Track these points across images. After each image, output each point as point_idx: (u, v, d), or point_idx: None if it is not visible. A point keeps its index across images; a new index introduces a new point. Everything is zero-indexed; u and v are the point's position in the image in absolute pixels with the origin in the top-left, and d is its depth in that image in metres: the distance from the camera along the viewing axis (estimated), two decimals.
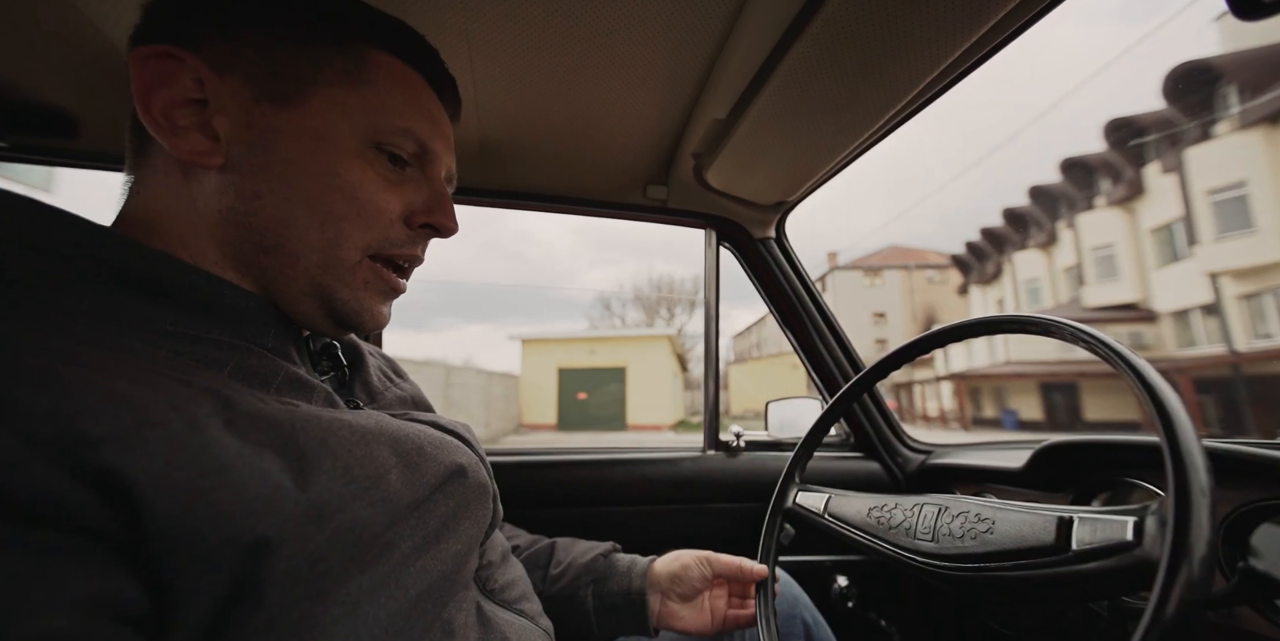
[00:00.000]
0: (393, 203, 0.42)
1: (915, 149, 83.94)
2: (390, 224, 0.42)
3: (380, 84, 0.41)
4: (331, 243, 0.39)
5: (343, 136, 0.39)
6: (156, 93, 0.37)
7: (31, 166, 0.85)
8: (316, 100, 0.39)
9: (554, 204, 1.05)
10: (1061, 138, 61.83)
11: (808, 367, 1.15)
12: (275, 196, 0.38)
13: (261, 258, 0.39)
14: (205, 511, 0.26)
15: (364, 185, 0.40)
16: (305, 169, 0.38)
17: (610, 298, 39.42)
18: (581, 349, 19.75)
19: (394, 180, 0.42)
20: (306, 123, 0.39)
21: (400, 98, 0.42)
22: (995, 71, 35.21)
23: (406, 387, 0.55)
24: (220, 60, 0.38)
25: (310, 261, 0.39)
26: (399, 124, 0.41)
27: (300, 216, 0.39)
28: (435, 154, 0.45)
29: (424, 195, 0.44)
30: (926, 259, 35.92)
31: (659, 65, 0.68)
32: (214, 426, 0.28)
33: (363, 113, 0.40)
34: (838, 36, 0.57)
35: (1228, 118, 15.48)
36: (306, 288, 0.40)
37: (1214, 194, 15.34)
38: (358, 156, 0.40)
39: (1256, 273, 14.84)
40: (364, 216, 0.40)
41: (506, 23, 0.60)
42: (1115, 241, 20.09)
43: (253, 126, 0.38)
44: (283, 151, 0.38)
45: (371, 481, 0.35)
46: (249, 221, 0.38)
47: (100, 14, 0.58)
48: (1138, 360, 0.37)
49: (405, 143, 0.42)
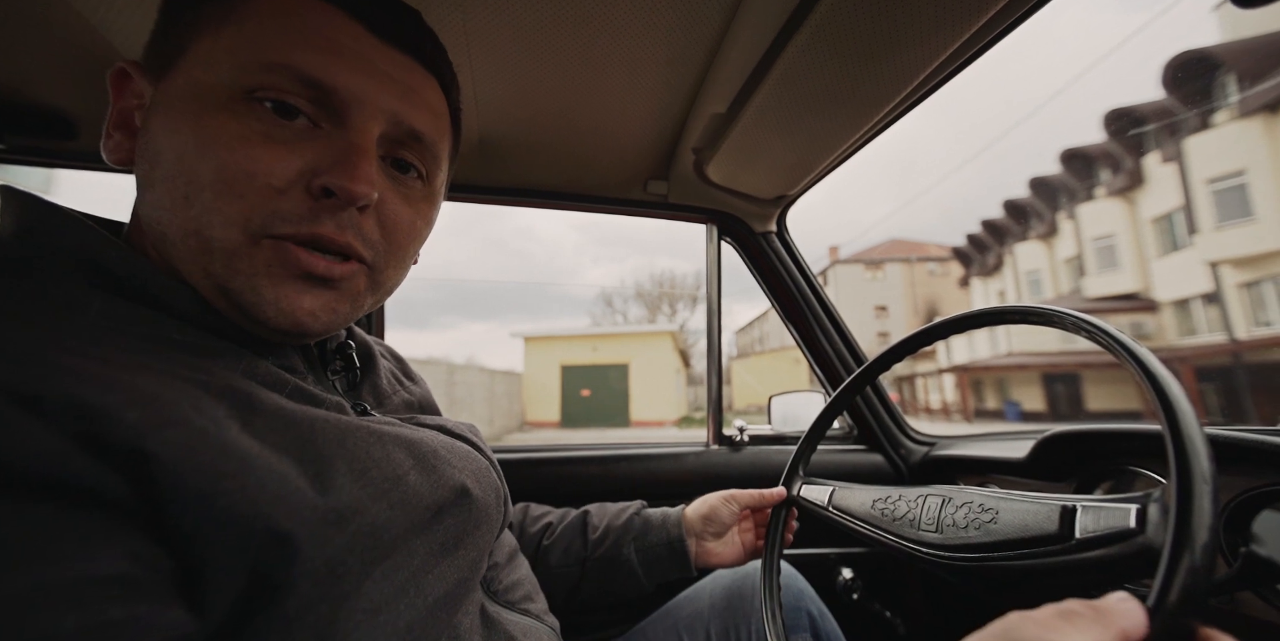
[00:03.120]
0: (270, 163, 0.32)
1: (916, 141, 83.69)
2: (273, 192, 0.32)
3: (250, 19, 0.33)
4: (200, 222, 0.32)
5: (205, 91, 0.32)
6: (113, 108, 0.38)
7: (30, 168, 0.85)
8: (186, 59, 0.33)
9: (555, 200, 1.05)
10: (1063, 128, 61.57)
11: (810, 361, 1.15)
12: (152, 181, 0.33)
13: (168, 251, 0.34)
14: (224, 506, 0.26)
15: (228, 144, 0.32)
16: (169, 141, 0.32)
17: (612, 294, 39.44)
18: (584, 346, 19.76)
19: (279, 137, 0.33)
20: (173, 88, 0.33)
21: (272, 27, 0.33)
22: (996, 61, 34.56)
23: (415, 391, 0.54)
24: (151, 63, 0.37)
25: (188, 247, 0.33)
26: (271, 59, 0.32)
27: (166, 196, 0.32)
28: (347, 93, 0.34)
29: (325, 150, 0.34)
30: (927, 252, 35.86)
31: (659, 59, 0.68)
32: (233, 428, 0.28)
33: (228, 55, 0.32)
34: (837, 28, 0.57)
35: (1227, 106, 15.41)
36: (204, 281, 0.33)
37: (1213, 183, 15.29)
38: (222, 110, 0.32)
39: (1256, 261, 14.81)
40: (229, 182, 0.31)
41: (504, 18, 0.60)
42: (1116, 232, 20.05)
43: (149, 113, 0.35)
44: (155, 127, 0.33)
45: (390, 483, 0.34)
46: (144, 214, 0.34)
47: (98, 15, 0.58)
48: (1140, 349, 0.37)
49: (283, 82, 0.33)
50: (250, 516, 0.27)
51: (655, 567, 0.66)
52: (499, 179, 1.00)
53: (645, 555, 0.66)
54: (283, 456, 0.29)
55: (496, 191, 1.03)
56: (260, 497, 0.27)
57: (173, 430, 0.26)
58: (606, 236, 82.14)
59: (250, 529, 0.27)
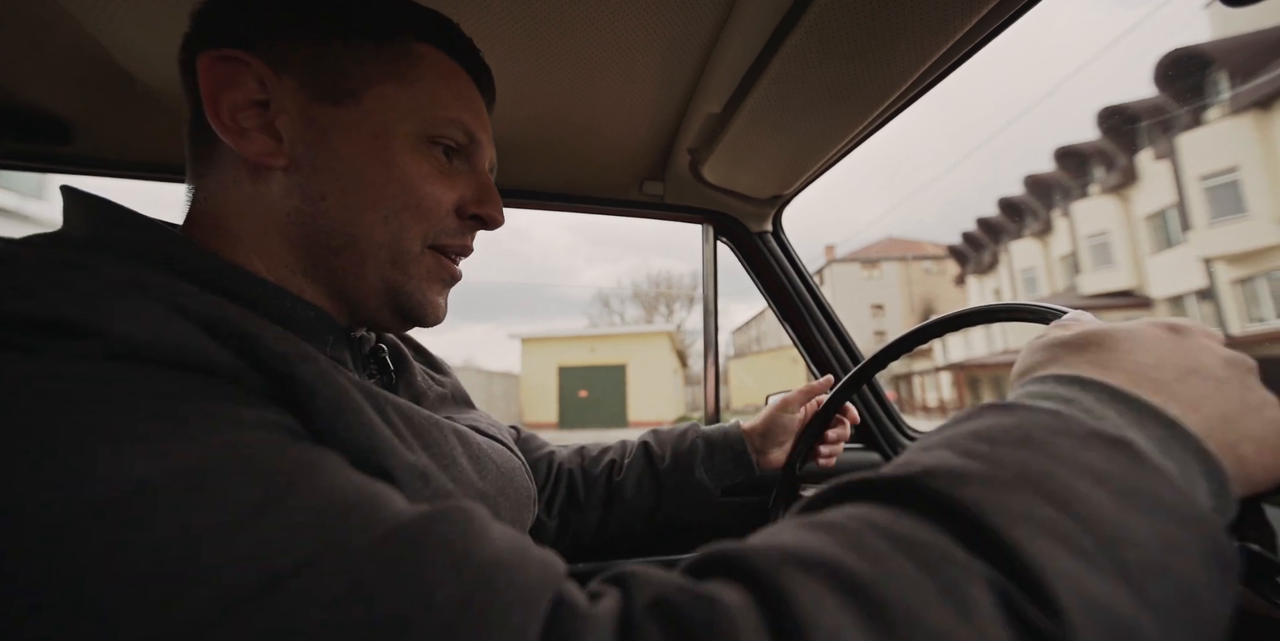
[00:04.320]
0: (446, 194, 0.42)
1: (911, 139, 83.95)
2: (445, 215, 0.43)
3: (428, 78, 0.41)
4: (395, 236, 0.40)
5: (398, 131, 0.40)
6: (223, 95, 0.36)
7: (24, 173, 0.85)
8: (369, 97, 0.39)
9: (550, 201, 1.05)
10: (1057, 125, 61.88)
11: (807, 361, 1.15)
12: (340, 196, 0.39)
13: (333, 259, 0.40)
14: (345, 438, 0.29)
15: (421, 178, 0.40)
16: (365, 166, 0.39)
17: (609, 295, 39.43)
18: (581, 347, 19.75)
19: (446, 172, 0.43)
20: (362, 120, 0.39)
21: (447, 90, 0.42)
22: (990, 60, 34.74)
23: (447, 383, 0.57)
24: (276, 61, 0.38)
25: (379, 257, 0.40)
26: (449, 115, 0.42)
27: (364, 213, 0.39)
28: (481, 144, 0.45)
29: (472, 186, 0.45)
30: (923, 250, 35.97)
31: (653, 60, 0.68)
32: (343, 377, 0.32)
33: (415, 107, 0.40)
34: (831, 28, 0.57)
35: (1219, 103, 15.51)
36: (377, 284, 0.41)
37: (1206, 179, 15.38)
38: (413, 150, 0.40)
39: (1250, 257, 14.90)
40: (422, 208, 0.41)
41: (499, 20, 0.60)
42: (1110, 229, 20.15)
43: (312, 126, 0.38)
44: (343, 149, 0.38)
45: (448, 460, 0.37)
46: (317, 222, 0.39)
47: (93, 19, 0.58)
48: None
49: (456, 134, 0.43)
50: (365, 451, 0.30)
51: (723, 479, 0.73)
52: (495, 180, 1.00)
53: (713, 471, 0.72)
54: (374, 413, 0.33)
55: None
56: (371, 438, 0.31)
57: (310, 364, 0.29)
58: (601, 237, 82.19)
59: (365, 463, 0.29)
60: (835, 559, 0.19)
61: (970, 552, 0.18)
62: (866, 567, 0.18)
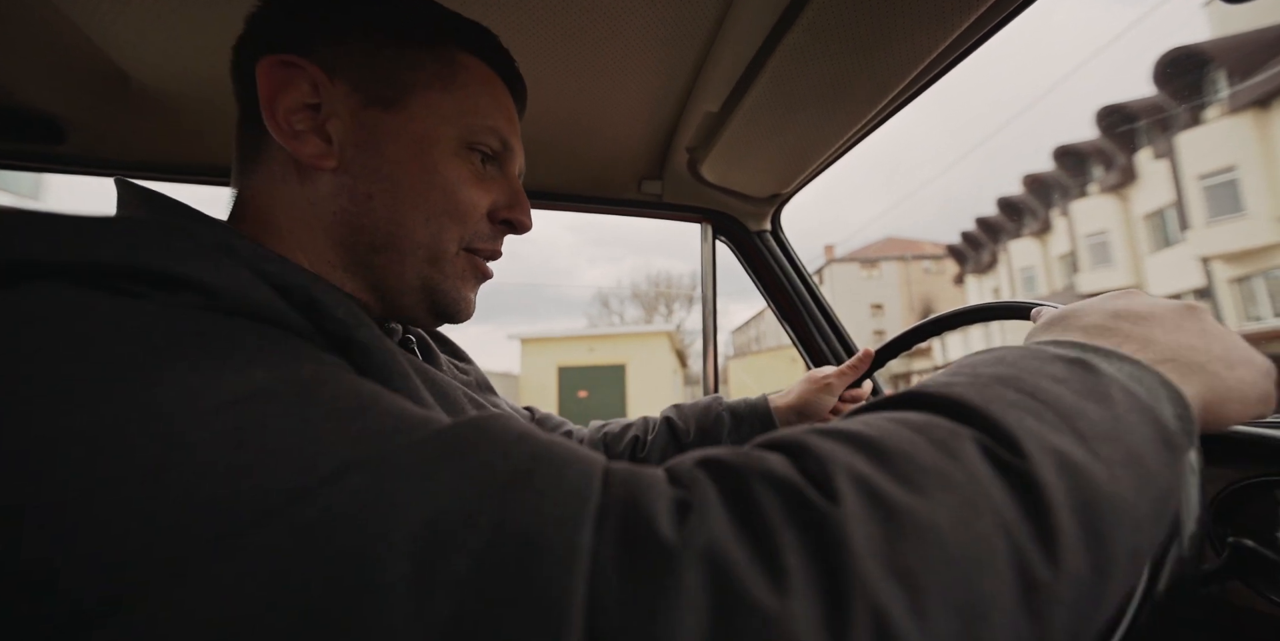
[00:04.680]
0: (482, 199, 0.44)
1: (910, 138, 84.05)
2: (480, 219, 0.44)
3: (470, 86, 0.43)
4: (434, 237, 0.42)
5: (442, 137, 0.41)
6: (280, 99, 0.38)
7: (19, 173, 0.85)
8: (417, 103, 0.41)
9: (549, 200, 1.05)
10: (1056, 124, 61.99)
11: (806, 360, 1.15)
12: (385, 197, 0.40)
13: (374, 257, 0.41)
14: None
15: (461, 183, 0.42)
16: (411, 170, 0.40)
17: (608, 295, 39.41)
18: (581, 347, 19.74)
19: (482, 177, 0.44)
20: (410, 125, 0.40)
21: (487, 98, 0.44)
22: (989, 58, 34.67)
23: (472, 371, 0.61)
24: (330, 66, 0.39)
25: (418, 257, 0.42)
26: (489, 124, 0.43)
27: (408, 214, 0.41)
28: (514, 151, 0.47)
29: (505, 192, 0.46)
30: (922, 250, 36.00)
31: (651, 59, 0.68)
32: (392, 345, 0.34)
33: (458, 114, 0.42)
34: (829, 26, 0.57)
35: (1217, 102, 15.53)
36: (414, 282, 0.43)
37: (1205, 179, 15.40)
38: (455, 155, 0.42)
39: (1248, 256, 14.93)
40: (460, 212, 0.42)
41: (496, 19, 0.60)
42: (1109, 228, 20.17)
43: (362, 129, 0.40)
44: (391, 153, 0.40)
45: None
46: (361, 222, 0.40)
47: (88, 19, 0.58)
48: None
49: (493, 141, 0.44)
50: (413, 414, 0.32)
51: None
52: None
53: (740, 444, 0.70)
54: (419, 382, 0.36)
55: None
56: (415, 398, 0.33)
57: (367, 330, 0.32)
58: (602, 237, 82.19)
59: None
60: (847, 428, 0.23)
61: (956, 422, 0.23)
62: (873, 432, 0.22)
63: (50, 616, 0.16)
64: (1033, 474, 0.20)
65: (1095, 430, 0.23)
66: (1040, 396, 0.24)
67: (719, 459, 0.22)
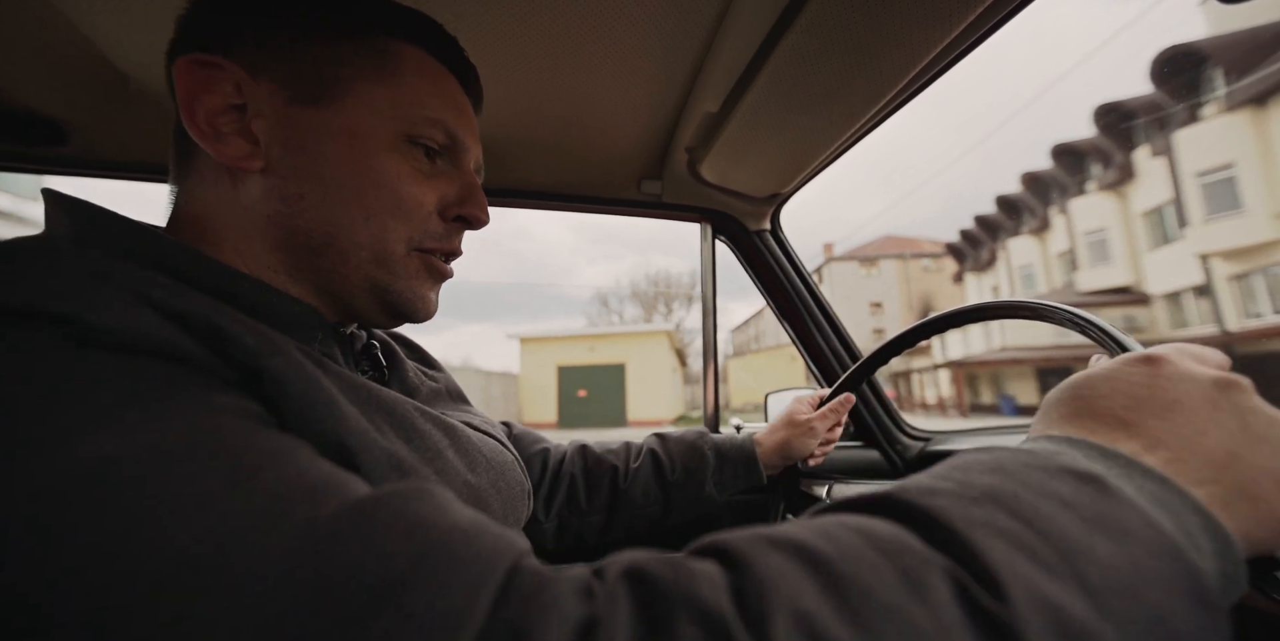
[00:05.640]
0: (428, 195, 0.42)
1: (909, 136, 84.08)
2: (428, 216, 0.42)
3: (408, 77, 0.41)
4: (377, 237, 0.40)
5: (377, 131, 0.40)
6: (199, 100, 0.37)
7: (20, 175, 0.85)
8: (348, 97, 0.39)
9: (549, 201, 1.05)
10: (1055, 122, 61.98)
11: (806, 359, 1.15)
12: (317, 196, 0.39)
13: (315, 259, 0.40)
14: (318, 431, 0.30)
15: (401, 178, 0.40)
16: (343, 166, 0.39)
17: (608, 294, 39.41)
18: (580, 346, 19.75)
19: (428, 173, 0.42)
20: (340, 120, 0.39)
21: (429, 89, 0.42)
22: (988, 57, 35.06)
23: (441, 379, 0.57)
24: (254, 65, 0.38)
25: (361, 258, 0.40)
26: (430, 115, 0.41)
27: (344, 214, 0.39)
28: (464, 145, 0.45)
29: (456, 187, 0.44)
30: (921, 248, 36.02)
31: (650, 59, 0.68)
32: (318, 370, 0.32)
33: (394, 106, 0.40)
34: (828, 26, 0.57)
35: (1215, 100, 15.54)
36: (362, 284, 0.41)
37: (1203, 176, 15.42)
38: (393, 150, 0.40)
39: (1246, 253, 14.94)
40: (404, 210, 0.41)
41: (496, 19, 0.60)
42: (1107, 226, 20.19)
43: (289, 128, 0.38)
44: (320, 151, 0.39)
45: (433, 453, 0.37)
46: (295, 223, 0.39)
47: (89, 21, 0.58)
48: (1129, 341, 0.37)
49: (436, 134, 0.42)
50: (335, 442, 0.30)
51: (732, 491, 0.72)
52: (493, 180, 1.00)
53: (723, 485, 0.71)
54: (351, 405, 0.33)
55: (490, 193, 1.02)
56: (342, 430, 0.31)
57: (281, 358, 0.29)
58: (602, 236, 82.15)
59: (338, 456, 0.30)
60: (804, 540, 0.20)
61: (930, 547, 0.19)
62: (832, 549, 0.19)
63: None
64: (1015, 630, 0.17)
65: (1105, 578, 0.18)
66: (1039, 525, 0.19)
67: (648, 574, 0.19)
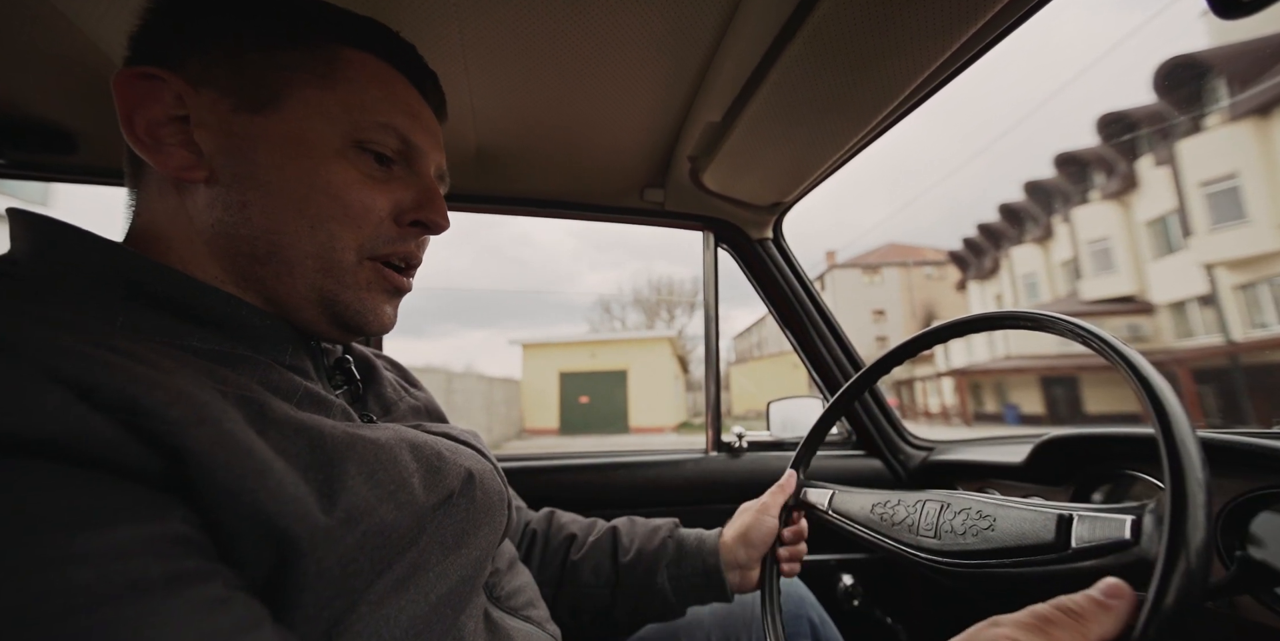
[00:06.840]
0: (379, 201, 0.41)
1: (911, 145, 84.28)
2: (379, 222, 0.41)
3: (355, 82, 0.40)
4: (324, 246, 0.39)
5: (322, 138, 0.39)
6: (139, 112, 0.37)
7: (28, 182, 0.86)
8: (292, 103, 0.39)
9: (552, 209, 1.05)
10: (1058, 132, 62.10)
11: (808, 367, 1.15)
12: (261, 205, 0.38)
13: (257, 268, 0.39)
14: (248, 503, 0.28)
15: (349, 185, 0.40)
16: (287, 174, 0.38)
17: (610, 301, 39.45)
18: (582, 353, 19.73)
19: (380, 178, 0.42)
20: (283, 127, 0.38)
21: (377, 94, 0.41)
22: (990, 67, 34.66)
23: (420, 397, 0.56)
24: (198, 75, 0.38)
25: (308, 267, 0.39)
26: (378, 120, 0.41)
27: (289, 222, 0.38)
28: (420, 149, 0.44)
29: (413, 192, 0.44)
30: (924, 256, 35.97)
31: (653, 69, 0.68)
32: (251, 433, 0.30)
33: (341, 111, 0.40)
34: (831, 37, 0.57)
35: (1218, 110, 15.56)
36: (309, 294, 0.40)
37: (1206, 186, 15.39)
38: (339, 156, 0.40)
39: (1251, 263, 14.87)
40: (352, 217, 0.40)
41: (501, 30, 0.61)
42: (1111, 235, 20.14)
43: (233, 136, 0.38)
44: (263, 159, 0.38)
45: (396, 485, 0.36)
46: (239, 232, 0.38)
47: (98, 30, 0.59)
48: (1132, 353, 0.37)
49: (387, 139, 0.42)
50: (270, 515, 0.28)
51: (689, 594, 0.63)
52: (496, 188, 1.01)
53: (679, 582, 0.63)
54: (291, 464, 0.31)
55: (494, 200, 1.03)
56: (277, 499, 0.29)
57: (206, 428, 0.27)
58: (604, 243, 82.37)
59: (270, 527, 0.28)
60: None
61: None
62: None
63: None
64: None
65: None
66: None
67: None
